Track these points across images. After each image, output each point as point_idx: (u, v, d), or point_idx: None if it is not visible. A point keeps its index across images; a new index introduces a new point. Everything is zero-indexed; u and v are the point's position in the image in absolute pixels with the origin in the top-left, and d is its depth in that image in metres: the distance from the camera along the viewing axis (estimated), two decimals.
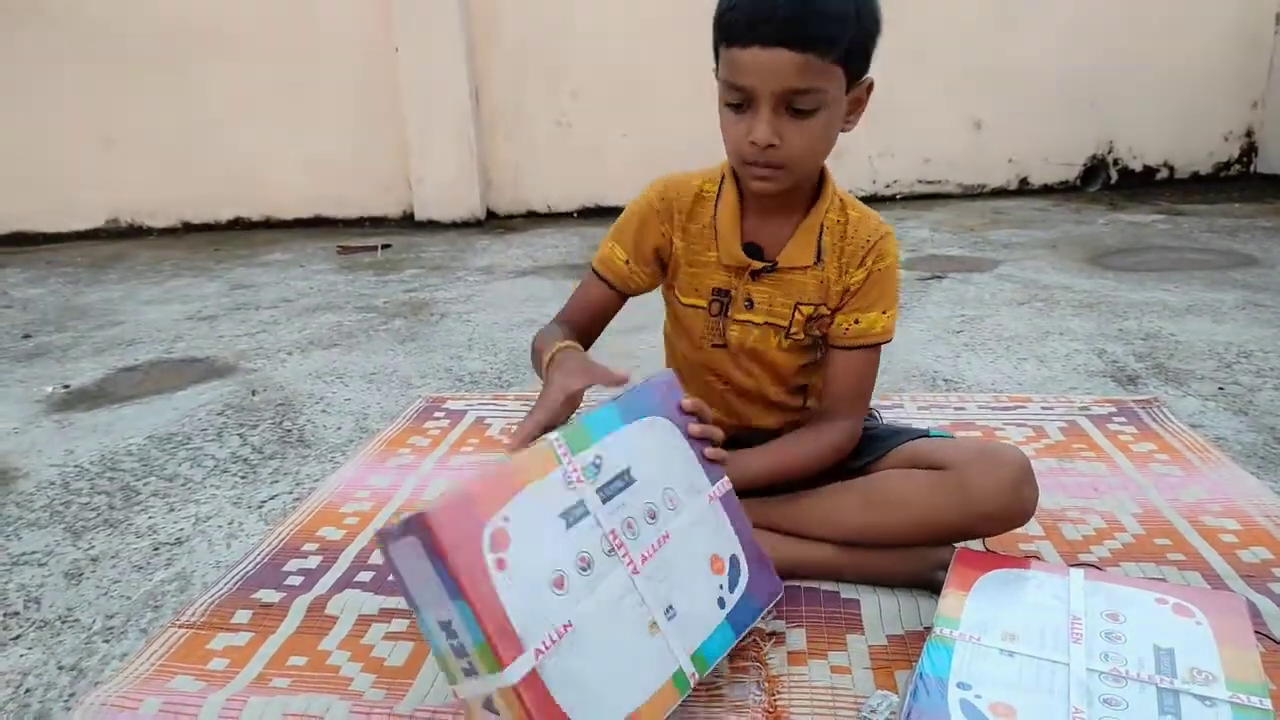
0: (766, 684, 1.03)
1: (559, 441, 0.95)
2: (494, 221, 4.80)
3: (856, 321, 1.20)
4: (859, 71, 1.08)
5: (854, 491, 1.19)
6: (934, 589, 1.16)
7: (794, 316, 1.21)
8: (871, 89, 1.12)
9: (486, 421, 1.89)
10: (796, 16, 1.00)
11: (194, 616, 1.21)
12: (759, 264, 1.20)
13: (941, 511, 1.13)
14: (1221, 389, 1.93)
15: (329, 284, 3.46)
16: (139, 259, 4.16)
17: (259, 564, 1.35)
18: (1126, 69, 4.65)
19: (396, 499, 1.55)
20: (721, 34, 1.07)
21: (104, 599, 1.31)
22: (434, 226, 4.68)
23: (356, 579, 1.29)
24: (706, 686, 1.02)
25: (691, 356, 1.30)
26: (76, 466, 1.80)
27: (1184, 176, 4.86)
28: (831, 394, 1.23)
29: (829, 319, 1.22)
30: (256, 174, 4.74)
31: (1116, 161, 4.84)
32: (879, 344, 1.22)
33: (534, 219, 4.83)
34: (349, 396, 2.14)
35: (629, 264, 1.26)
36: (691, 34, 4.46)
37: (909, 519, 1.15)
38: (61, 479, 1.74)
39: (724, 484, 1.09)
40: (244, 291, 3.39)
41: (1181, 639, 0.97)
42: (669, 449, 1.05)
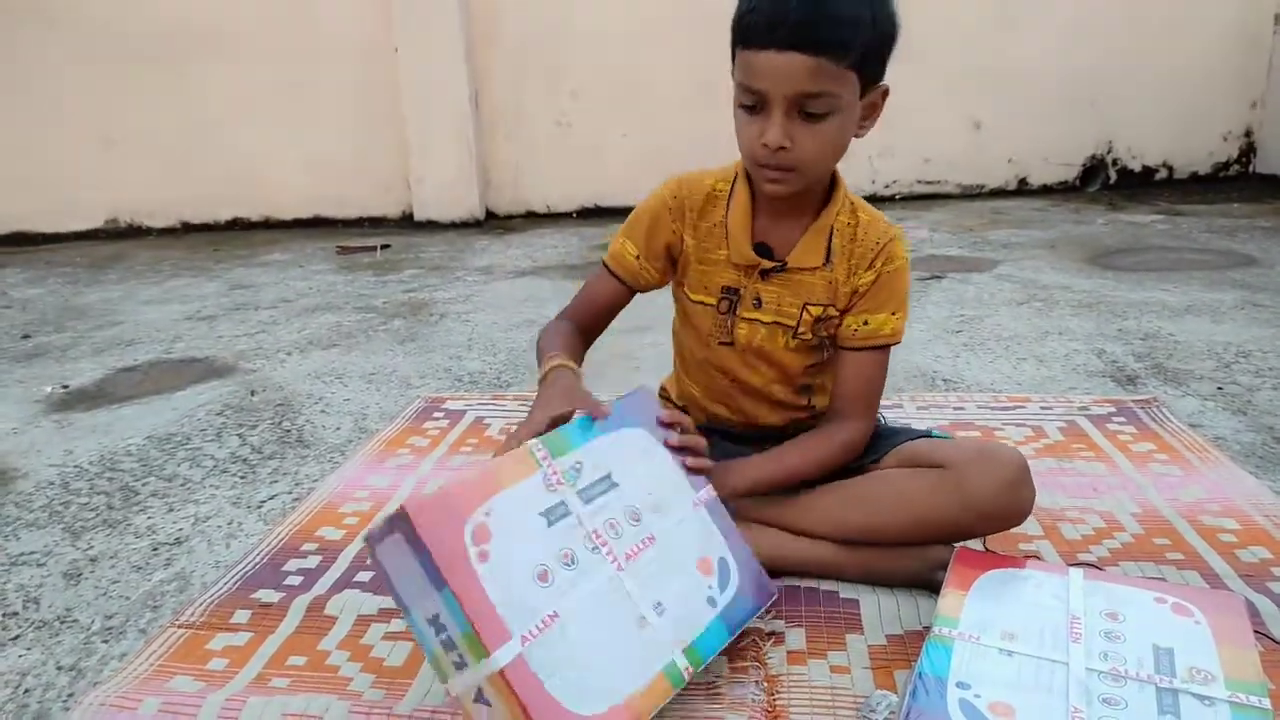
0: (766, 683, 1.03)
1: (538, 447, 0.99)
2: (493, 222, 4.80)
3: (866, 323, 1.21)
4: (874, 77, 1.09)
5: (853, 489, 1.20)
6: (933, 588, 1.16)
7: (802, 316, 1.22)
8: (887, 95, 1.13)
9: (486, 421, 1.89)
10: (811, 21, 1.00)
11: (193, 616, 1.20)
12: (768, 263, 1.21)
13: (940, 510, 1.14)
14: (1220, 389, 1.93)
15: (328, 284, 3.46)
16: (138, 259, 4.16)
17: (258, 564, 1.35)
18: (1126, 69, 4.65)
19: (396, 499, 1.55)
20: (737, 36, 1.07)
21: (103, 599, 1.31)
22: (433, 227, 4.68)
23: (356, 579, 1.29)
24: (706, 685, 1.02)
25: (698, 353, 1.31)
26: (76, 467, 1.80)
27: (1183, 177, 4.86)
28: (841, 395, 1.24)
29: (837, 320, 1.22)
30: (256, 174, 4.74)
31: (1116, 162, 4.84)
32: (888, 345, 1.23)
33: (533, 219, 4.83)
34: (348, 397, 2.14)
35: (639, 260, 1.27)
36: (691, 34, 4.49)
37: (907, 517, 1.16)
38: (60, 479, 1.74)
39: (708, 491, 1.12)
40: (243, 292, 3.39)
41: (1180, 638, 0.97)
42: (650, 457, 1.09)
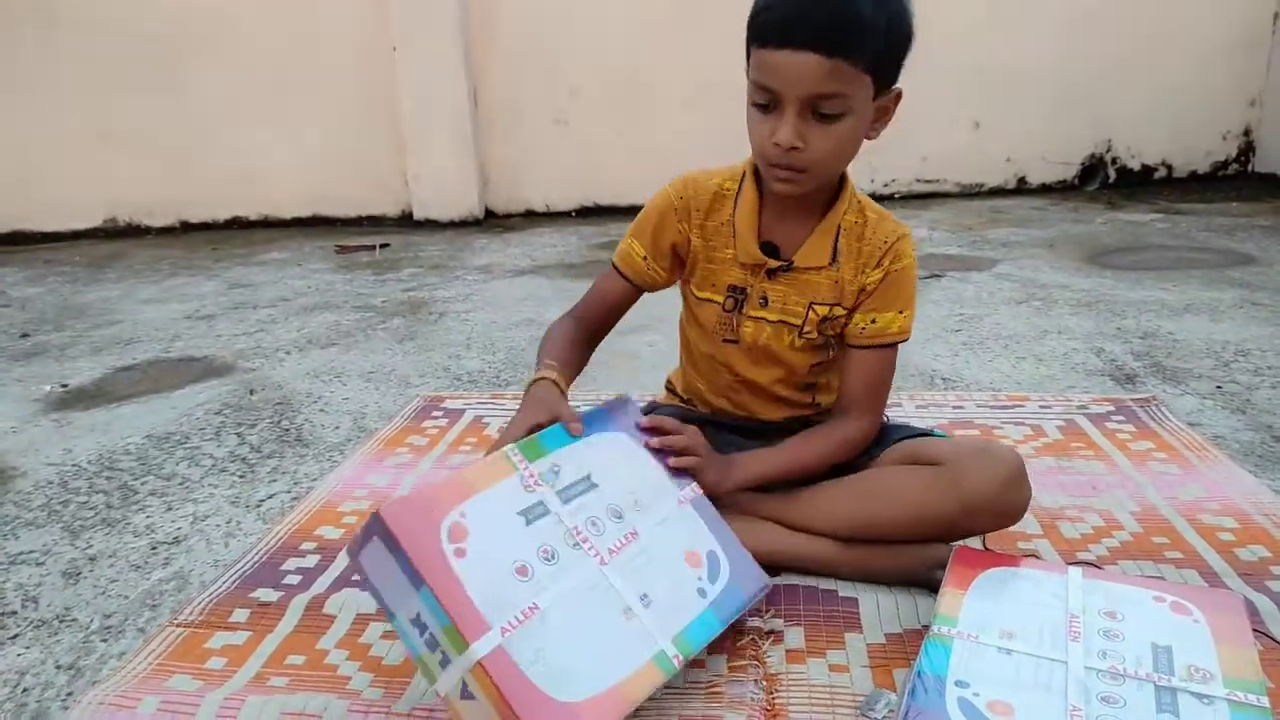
0: (765, 682, 1.03)
1: (514, 451, 1.02)
2: (492, 221, 4.80)
3: (873, 321, 1.22)
4: (888, 81, 1.09)
5: (850, 485, 1.21)
6: (930, 587, 1.16)
7: (808, 315, 1.22)
8: (899, 99, 1.13)
9: (484, 420, 1.89)
10: (828, 22, 1.01)
11: (192, 615, 1.20)
12: (775, 263, 1.21)
13: (936, 507, 1.14)
14: (1219, 387, 1.93)
15: (327, 283, 3.46)
16: (137, 258, 4.15)
17: (257, 563, 1.34)
18: (1124, 68, 4.65)
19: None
20: (753, 34, 1.07)
21: (102, 598, 1.31)
22: (432, 226, 4.68)
23: (354, 578, 1.29)
24: (706, 684, 1.02)
25: (704, 348, 1.31)
26: (74, 466, 1.80)
27: (1182, 175, 4.86)
28: (847, 392, 1.25)
29: (844, 319, 1.23)
30: (255, 173, 4.73)
31: (1114, 160, 4.84)
32: (895, 343, 1.23)
33: (532, 218, 4.83)
34: (347, 396, 2.14)
35: (647, 260, 1.28)
36: (690, 33, 4.49)
37: (904, 514, 1.16)
38: (59, 478, 1.74)
39: (693, 489, 1.13)
40: (242, 291, 3.39)
41: (1179, 637, 0.97)
42: (630, 460, 1.11)
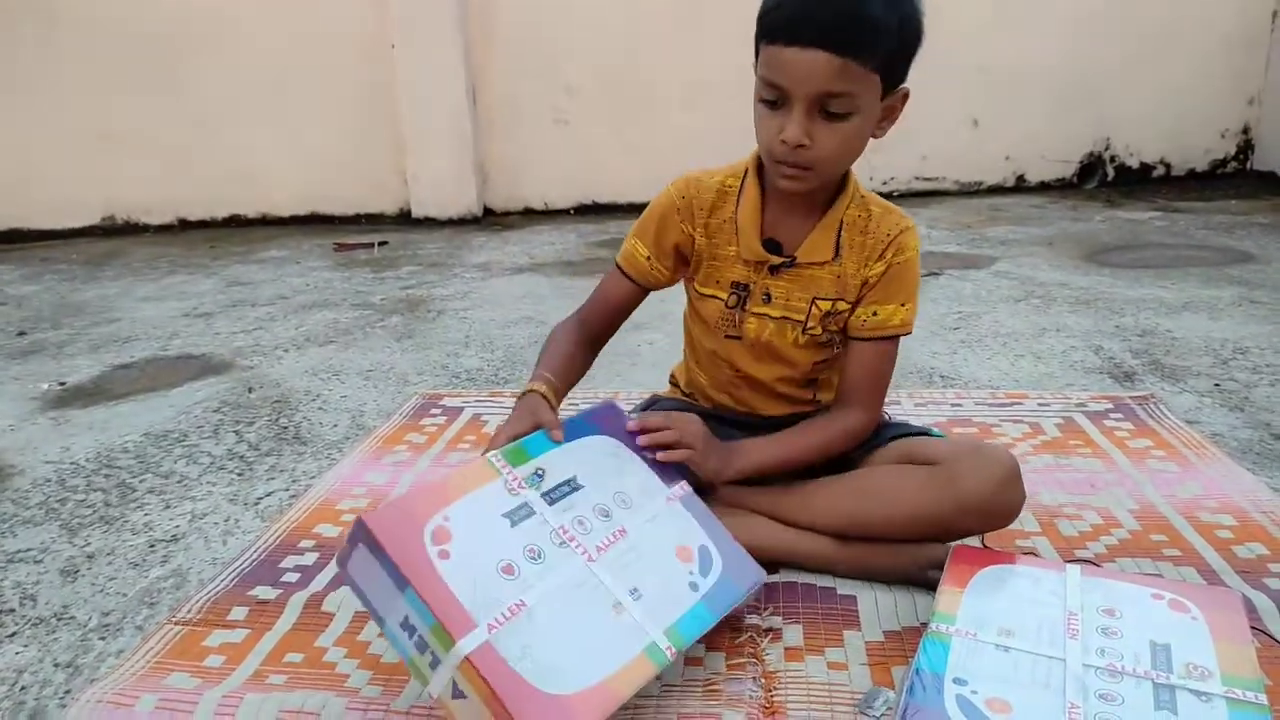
0: (764, 680, 1.03)
1: (497, 457, 1.03)
2: (491, 219, 4.79)
3: (875, 313, 1.22)
4: (896, 80, 1.09)
5: (845, 483, 1.21)
6: (925, 587, 1.17)
7: (811, 311, 1.23)
8: (907, 99, 1.13)
9: (483, 419, 1.89)
10: (838, 21, 1.00)
11: (190, 613, 1.20)
12: (778, 259, 1.21)
13: (930, 506, 1.14)
14: (1217, 385, 1.93)
15: (325, 281, 3.46)
16: (135, 256, 4.15)
17: (255, 561, 1.34)
18: (1123, 66, 4.64)
19: (393, 496, 1.55)
20: (763, 30, 1.07)
21: (100, 596, 1.31)
22: (431, 224, 4.67)
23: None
24: (704, 682, 1.02)
25: (707, 344, 1.32)
26: (72, 464, 1.79)
27: (1180, 174, 4.86)
28: (847, 384, 1.26)
29: (847, 313, 1.23)
30: (253, 171, 4.73)
31: (1113, 159, 4.84)
32: (896, 336, 1.24)
33: (531, 216, 4.83)
34: (345, 393, 2.14)
35: (650, 261, 1.28)
36: (690, 32, 4.49)
37: (898, 512, 1.16)
38: (57, 476, 1.74)
39: (682, 487, 1.14)
40: (240, 289, 3.38)
41: (1177, 634, 0.97)
42: (616, 461, 1.12)
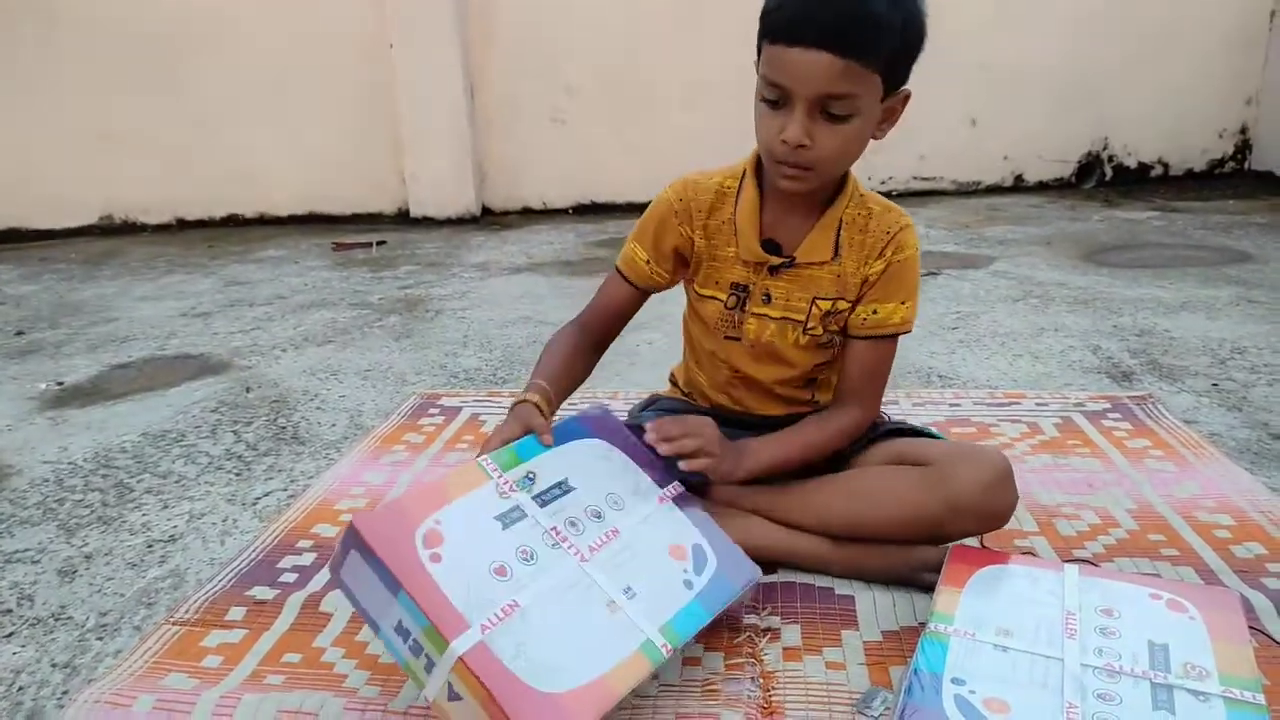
0: (762, 680, 1.03)
1: (487, 461, 1.03)
2: (489, 218, 4.79)
3: (875, 312, 1.22)
4: (898, 82, 1.09)
5: (839, 483, 1.22)
6: (918, 589, 1.17)
7: (811, 311, 1.22)
8: (908, 100, 1.12)
9: (481, 418, 1.89)
10: (843, 22, 1.00)
11: (188, 613, 1.20)
12: (777, 259, 1.21)
13: (922, 507, 1.14)
14: (1215, 385, 1.93)
15: (323, 281, 3.45)
16: (133, 255, 4.14)
17: (253, 561, 1.34)
18: (1121, 66, 4.65)
19: (391, 496, 1.55)
20: (766, 29, 1.06)
21: (97, 596, 1.30)
22: (429, 223, 4.67)
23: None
24: (702, 682, 1.02)
25: (706, 345, 1.32)
26: (70, 463, 1.79)
27: (1178, 173, 4.86)
28: (846, 381, 1.26)
29: (847, 312, 1.23)
30: (251, 171, 4.72)
31: (1111, 158, 4.85)
32: (896, 334, 1.24)
33: (529, 216, 4.82)
34: (343, 393, 2.14)
35: (650, 264, 1.28)
36: (689, 32, 4.49)
37: (890, 513, 1.17)
38: (55, 476, 1.74)
39: (674, 487, 1.14)
40: (238, 288, 3.38)
41: (1175, 634, 0.97)
42: (607, 463, 1.13)
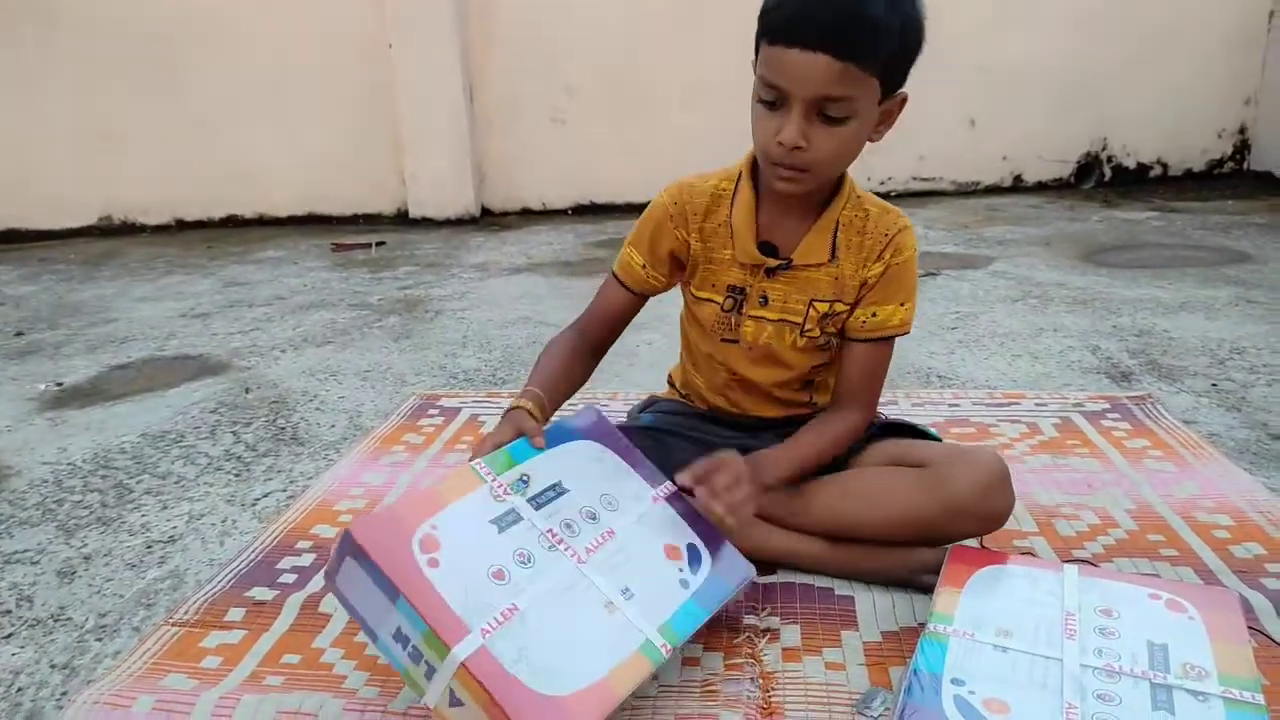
0: (761, 680, 1.03)
1: (480, 465, 1.03)
2: (488, 219, 4.79)
3: (874, 314, 1.22)
4: (895, 85, 1.08)
5: (835, 485, 1.22)
6: (915, 590, 1.17)
7: (808, 313, 1.22)
8: (905, 103, 1.12)
9: (481, 419, 1.89)
10: (840, 22, 0.99)
11: (187, 614, 1.20)
12: (774, 261, 1.21)
13: (918, 509, 1.15)
14: (1214, 385, 1.93)
15: (323, 281, 3.45)
16: (132, 256, 4.14)
17: (252, 562, 1.34)
18: (1120, 66, 4.65)
19: (390, 496, 1.55)
20: (764, 29, 1.06)
21: (96, 597, 1.30)
22: (428, 224, 4.67)
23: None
24: (701, 683, 1.02)
25: (703, 347, 1.31)
26: (69, 464, 1.79)
27: (1177, 174, 4.86)
28: (844, 384, 1.26)
29: (845, 315, 1.23)
30: (250, 171, 4.72)
31: (1110, 159, 4.85)
32: (894, 336, 1.24)
33: (529, 216, 4.82)
34: (343, 394, 2.14)
35: (646, 269, 1.28)
36: (689, 32, 4.49)
37: (887, 515, 1.17)
38: (54, 477, 1.74)
39: (667, 487, 1.14)
40: (237, 289, 3.38)
41: (1175, 634, 0.97)
42: (600, 464, 1.12)
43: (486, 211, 4.84)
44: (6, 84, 4.51)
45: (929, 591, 1.10)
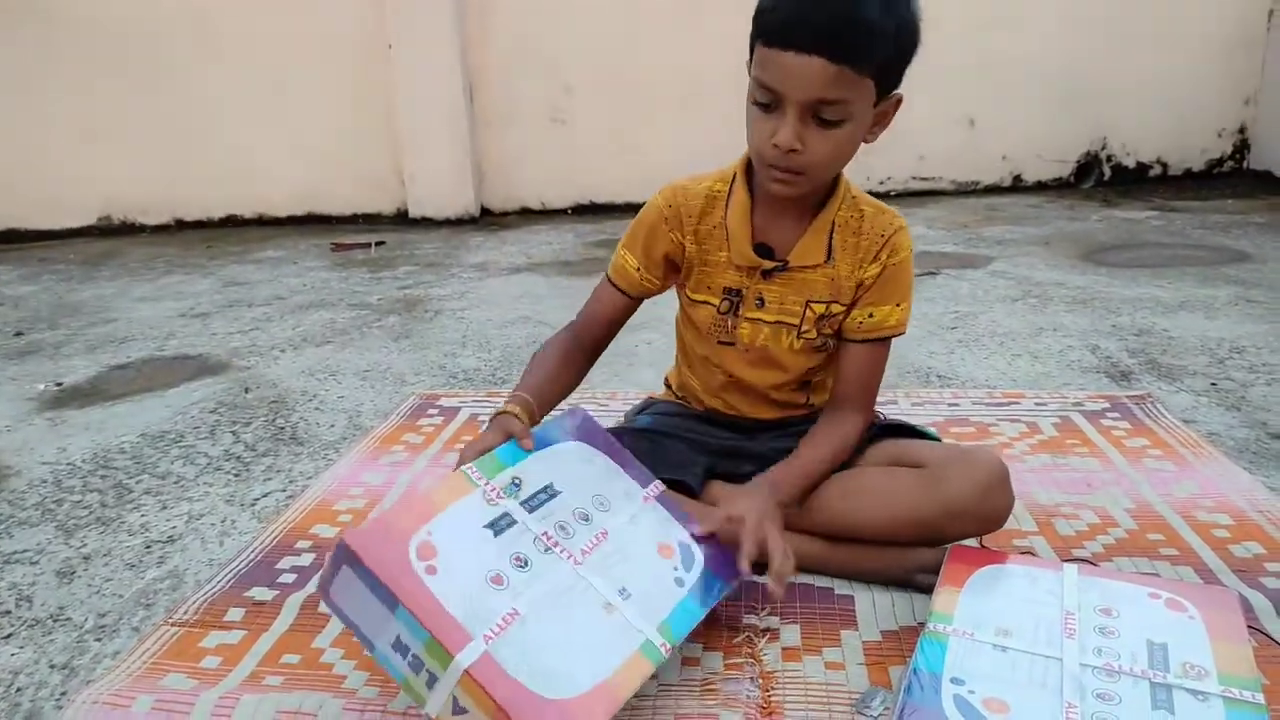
0: (761, 680, 1.03)
1: (472, 469, 1.03)
2: (488, 218, 4.79)
3: (871, 315, 1.22)
4: (890, 86, 1.08)
5: (834, 485, 1.21)
6: (913, 590, 1.17)
7: (805, 314, 1.22)
8: (899, 105, 1.12)
9: (480, 419, 1.89)
10: (834, 25, 0.99)
11: (186, 614, 1.20)
12: (770, 263, 1.20)
13: (917, 510, 1.14)
14: (1214, 385, 1.93)
15: (322, 281, 3.45)
16: (132, 256, 4.14)
17: (252, 562, 1.34)
18: (1120, 66, 4.65)
19: (390, 496, 1.55)
20: (759, 30, 1.05)
21: (96, 597, 1.30)
22: (428, 223, 4.67)
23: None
24: (701, 682, 1.02)
25: (699, 349, 1.31)
26: (69, 464, 1.79)
27: (1177, 173, 4.86)
28: (842, 387, 1.25)
29: (841, 316, 1.23)
30: (250, 171, 4.73)
31: (1110, 158, 4.85)
32: (891, 337, 1.24)
33: (528, 216, 4.82)
34: (342, 394, 2.14)
35: (640, 271, 1.27)
36: (688, 32, 4.49)
37: (886, 515, 1.17)
38: (54, 477, 1.74)
39: (656, 486, 1.15)
40: (237, 289, 3.38)
41: (1174, 634, 0.97)
42: (590, 465, 1.13)
43: (486, 211, 4.84)
44: (6, 84, 4.52)
45: (928, 591, 1.10)
